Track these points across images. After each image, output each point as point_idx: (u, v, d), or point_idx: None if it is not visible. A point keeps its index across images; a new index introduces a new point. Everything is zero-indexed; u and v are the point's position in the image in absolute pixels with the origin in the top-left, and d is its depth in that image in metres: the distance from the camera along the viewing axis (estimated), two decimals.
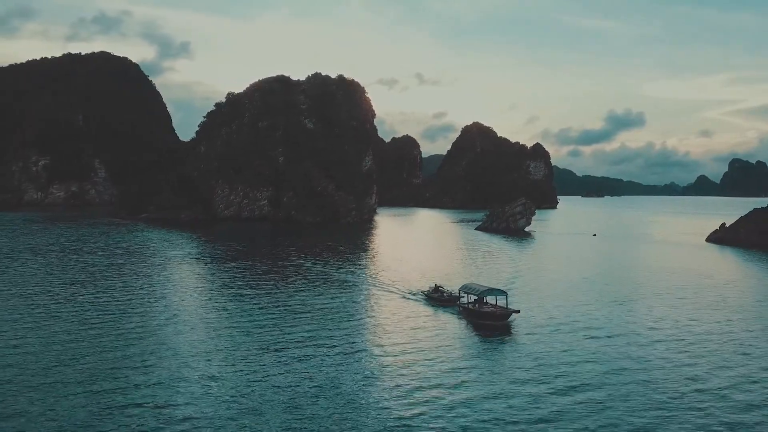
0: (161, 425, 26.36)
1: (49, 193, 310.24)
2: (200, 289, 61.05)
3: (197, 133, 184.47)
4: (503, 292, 49.11)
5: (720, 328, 45.58)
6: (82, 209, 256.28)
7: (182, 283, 63.43)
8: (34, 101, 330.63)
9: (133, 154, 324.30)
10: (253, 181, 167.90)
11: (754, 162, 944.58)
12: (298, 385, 31.39)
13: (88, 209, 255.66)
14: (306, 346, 38.90)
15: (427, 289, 58.35)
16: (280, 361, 35.61)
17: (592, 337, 42.11)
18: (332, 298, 55.94)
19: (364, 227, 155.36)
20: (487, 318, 46.17)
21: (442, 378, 32.99)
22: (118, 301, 52.54)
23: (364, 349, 38.83)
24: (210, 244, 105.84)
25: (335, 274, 71.49)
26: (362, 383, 32.12)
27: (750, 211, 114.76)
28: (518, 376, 33.46)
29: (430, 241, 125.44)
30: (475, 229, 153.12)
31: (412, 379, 32.69)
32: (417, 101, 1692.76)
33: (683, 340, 41.91)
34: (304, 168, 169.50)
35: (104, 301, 52.15)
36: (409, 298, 56.75)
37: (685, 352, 38.78)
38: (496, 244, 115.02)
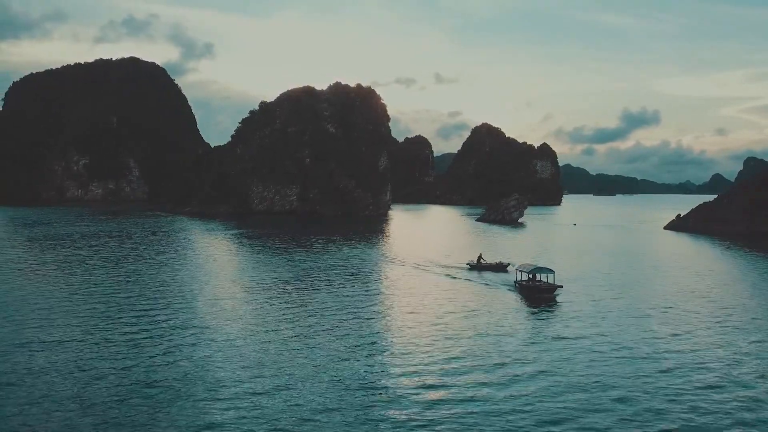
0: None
1: (88, 191, 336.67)
2: (244, 262, 75.67)
3: (233, 137, 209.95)
4: (551, 270, 55.30)
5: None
6: (122, 205, 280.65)
7: (227, 257, 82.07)
8: (71, 104, 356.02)
9: (163, 154, 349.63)
10: (283, 179, 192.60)
11: None
12: (358, 351, 33.80)
13: (127, 205, 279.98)
14: (370, 318, 42.97)
15: (471, 260, 70.35)
16: (331, 330, 38.49)
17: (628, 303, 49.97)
18: (366, 274, 65.16)
19: (381, 220, 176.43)
20: (539, 291, 52.98)
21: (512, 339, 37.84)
22: (182, 268, 73.64)
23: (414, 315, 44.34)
24: (249, 230, 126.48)
25: (361, 253, 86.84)
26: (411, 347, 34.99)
27: (699, 204, 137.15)
28: (566, 335, 38.96)
29: (437, 229, 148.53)
30: (476, 220, 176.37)
31: (487, 338, 37.56)
32: (433, 100, 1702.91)
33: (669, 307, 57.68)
34: (327, 168, 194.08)
35: (173, 266, 74.92)
36: (430, 272, 66.70)
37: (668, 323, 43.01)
38: (489, 231, 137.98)
